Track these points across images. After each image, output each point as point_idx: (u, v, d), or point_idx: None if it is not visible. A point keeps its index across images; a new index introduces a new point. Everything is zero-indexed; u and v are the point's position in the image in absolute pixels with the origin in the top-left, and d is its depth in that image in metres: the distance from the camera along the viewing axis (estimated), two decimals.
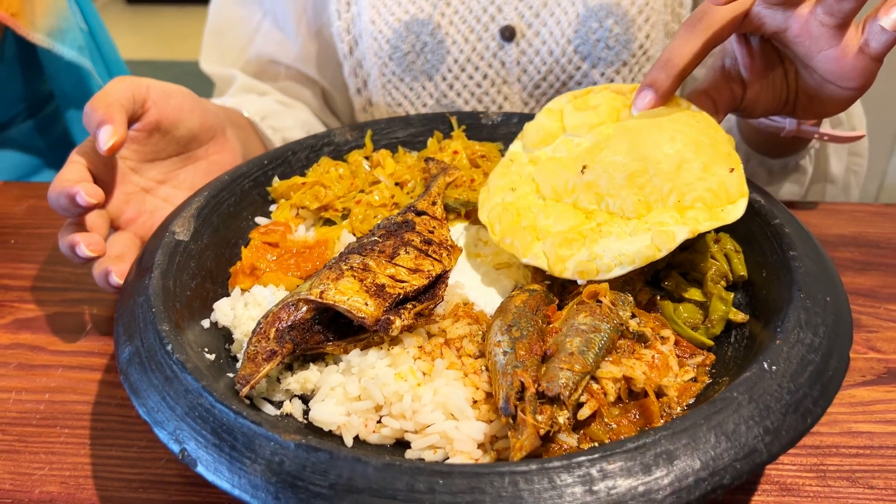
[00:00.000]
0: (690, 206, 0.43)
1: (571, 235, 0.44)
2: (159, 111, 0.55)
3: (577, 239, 0.44)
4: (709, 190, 0.43)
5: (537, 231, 0.46)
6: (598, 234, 0.44)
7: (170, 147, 0.58)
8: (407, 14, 0.74)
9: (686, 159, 0.44)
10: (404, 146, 0.60)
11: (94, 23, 1.14)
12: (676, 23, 0.77)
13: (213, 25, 0.86)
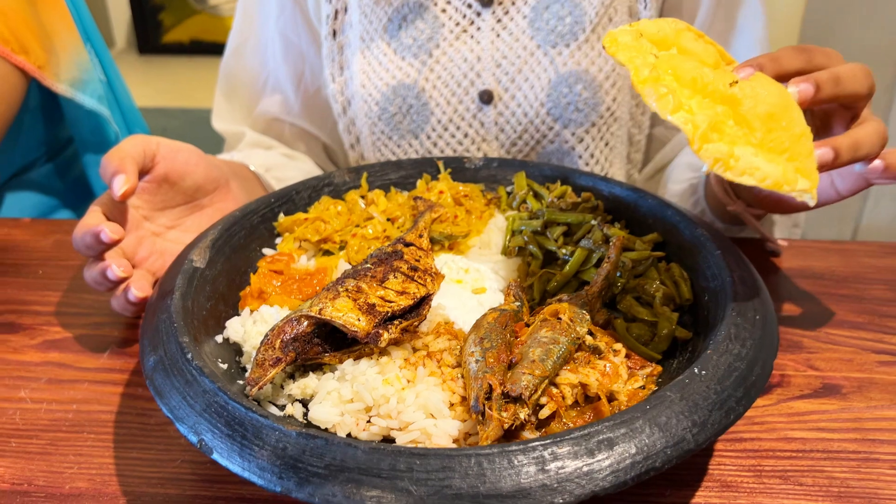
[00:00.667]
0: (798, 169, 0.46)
1: (720, 125, 0.45)
2: (167, 165, 0.62)
3: (722, 130, 0.45)
4: (806, 168, 0.47)
5: (682, 104, 0.45)
6: (738, 139, 0.45)
7: (177, 197, 0.64)
8: (394, 79, 0.82)
9: (805, 134, 0.48)
10: (396, 187, 0.67)
11: (112, 73, 1.22)
12: None
13: (222, 88, 0.94)
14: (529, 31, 0.81)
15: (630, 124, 0.86)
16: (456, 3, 0.82)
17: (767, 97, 0.47)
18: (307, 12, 0.88)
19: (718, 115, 0.45)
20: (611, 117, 0.83)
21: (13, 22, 0.96)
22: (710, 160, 0.44)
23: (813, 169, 0.46)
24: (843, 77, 0.50)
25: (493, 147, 0.85)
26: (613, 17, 0.81)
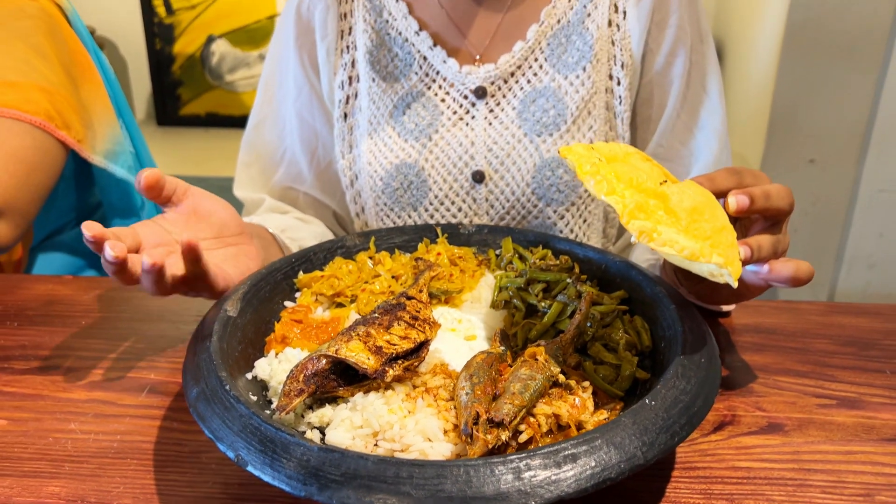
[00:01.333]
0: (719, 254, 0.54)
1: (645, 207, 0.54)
2: (196, 201, 0.70)
3: (648, 211, 0.54)
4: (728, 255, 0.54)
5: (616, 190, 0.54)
6: (664, 222, 0.54)
7: (206, 230, 0.71)
8: (398, 158, 0.93)
9: (725, 228, 0.56)
10: (399, 249, 0.77)
11: (139, 145, 1.33)
12: None
13: (243, 160, 1.04)
14: (518, 121, 0.92)
15: (605, 204, 0.97)
16: (454, 94, 0.93)
17: (693, 196, 0.57)
18: (322, 96, 0.99)
19: (649, 204, 0.54)
20: (588, 198, 0.93)
21: (58, 101, 1.08)
22: (637, 232, 0.53)
23: (735, 257, 0.55)
24: (772, 194, 0.60)
25: (484, 221, 0.95)
26: (592, 111, 0.92)
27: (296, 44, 0.98)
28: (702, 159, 0.95)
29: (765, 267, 0.59)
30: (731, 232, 0.57)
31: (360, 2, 0.96)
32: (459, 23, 0.94)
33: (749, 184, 0.62)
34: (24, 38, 1.07)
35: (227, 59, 2.05)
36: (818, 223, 1.61)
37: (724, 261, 0.54)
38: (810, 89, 1.49)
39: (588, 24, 0.92)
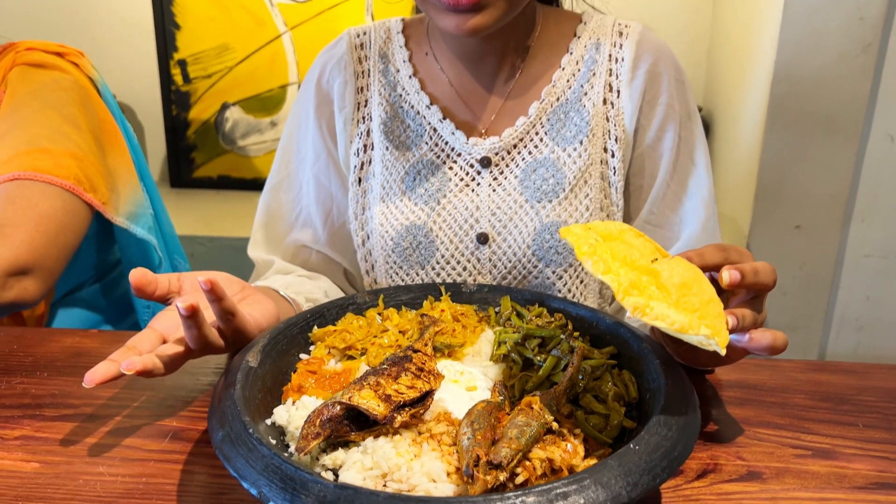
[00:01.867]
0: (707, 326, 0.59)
1: (638, 284, 0.59)
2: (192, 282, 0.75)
3: (641, 288, 0.60)
4: (715, 325, 0.60)
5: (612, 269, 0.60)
6: (656, 298, 0.60)
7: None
8: (408, 220, 1.00)
9: (712, 300, 0.62)
10: (406, 306, 0.83)
11: (158, 207, 1.41)
12: None
13: (260, 220, 1.11)
14: (519, 188, 0.99)
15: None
16: (461, 163, 1.01)
17: (682, 272, 0.63)
18: (338, 162, 1.07)
19: (641, 280, 0.60)
20: None
21: (87, 166, 1.16)
22: (631, 307, 0.59)
23: (722, 328, 0.61)
24: (760, 270, 0.66)
25: (487, 279, 1.01)
26: (588, 181, 0.99)
27: (315, 113, 1.06)
28: (690, 225, 1.01)
29: (746, 336, 0.65)
30: (718, 304, 0.63)
31: (375, 77, 1.04)
32: (467, 99, 1.02)
33: (735, 260, 0.68)
34: (58, 109, 1.16)
35: (240, 125, 2.15)
36: (806, 287, 1.68)
37: (712, 332, 0.60)
38: (794, 159, 1.56)
39: (585, 102, 1.00)
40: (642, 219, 1.03)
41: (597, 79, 1.00)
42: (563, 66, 1.01)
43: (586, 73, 1.00)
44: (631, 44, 1.00)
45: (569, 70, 1.01)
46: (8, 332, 0.94)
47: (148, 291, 0.72)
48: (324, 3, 2.07)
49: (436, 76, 1.03)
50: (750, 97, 1.66)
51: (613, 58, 1.00)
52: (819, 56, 1.48)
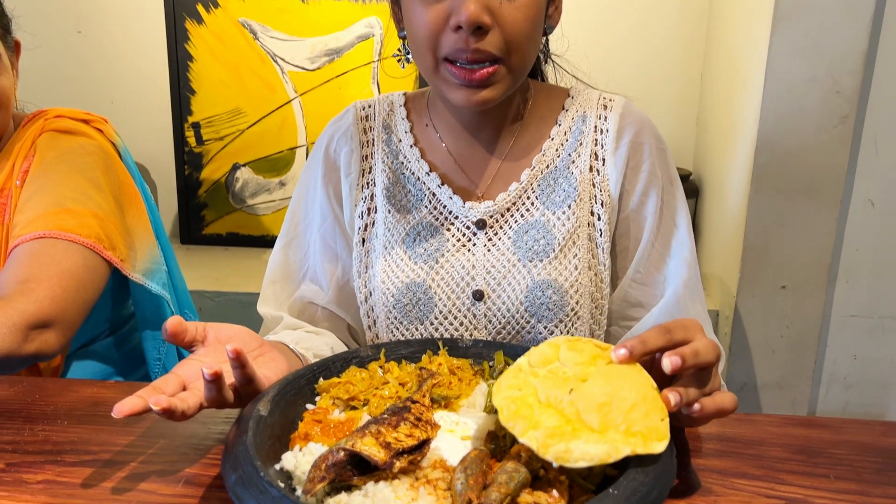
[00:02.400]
0: (634, 434, 0.66)
1: (556, 432, 0.65)
2: (216, 333, 0.81)
3: (558, 435, 0.65)
4: (646, 427, 0.66)
5: (533, 422, 0.66)
6: (572, 436, 0.65)
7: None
8: (408, 278, 1.07)
9: (636, 404, 0.67)
10: (406, 360, 0.89)
11: (172, 263, 1.47)
12: (599, 293, 1.08)
13: (269, 277, 1.18)
14: (512, 248, 1.06)
15: (590, 322, 1.09)
16: (458, 224, 1.08)
17: (598, 393, 0.67)
18: (343, 224, 1.14)
19: (560, 424, 0.66)
20: (574, 316, 1.06)
21: (108, 225, 1.23)
22: (553, 458, 0.64)
23: (655, 425, 0.66)
24: (700, 351, 0.71)
25: (483, 334, 1.07)
26: (576, 242, 1.06)
27: (323, 179, 1.14)
28: (673, 283, 1.07)
29: (696, 406, 0.71)
30: (647, 400, 0.68)
31: (379, 146, 1.13)
32: (464, 167, 1.10)
33: (679, 339, 0.72)
34: (83, 172, 1.24)
35: (250, 184, 2.23)
36: (794, 345, 1.73)
37: (640, 440, 0.65)
38: (778, 223, 1.64)
39: (573, 169, 1.07)
40: (629, 277, 1.09)
41: (583, 148, 1.08)
42: (552, 136, 1.10)
43: (574, 142, 1.08)
44: (615, 116, 1.08)
45: (557, 140, 1.09)
46: (30, 383, 1.00)
47: (178, 339, 0.79)
48: (332, 72, 2.18)
49: (435, 145, 1.12)
50: (736, 164, 1.74)
51: (599, 129, 1.08)
52: (799, 127, 1.57)
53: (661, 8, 2.16)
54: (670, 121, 2.21)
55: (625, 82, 2.19)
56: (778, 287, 1.68)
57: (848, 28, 1.52)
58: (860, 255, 1.73)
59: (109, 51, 2.33)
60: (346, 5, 2.17)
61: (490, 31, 0.93)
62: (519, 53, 0.97)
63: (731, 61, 1.88)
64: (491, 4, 0.93)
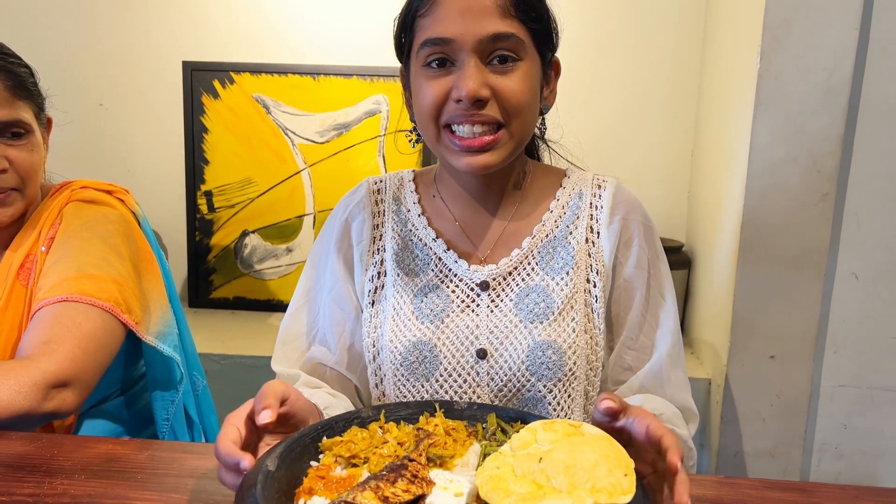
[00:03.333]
0: (599, 490, 0.72)
1: (527, 496, 0.72)
2: (292, 406, 0.89)
3: (530, 498, 0.72)
4: (611, 483, 0.72)
5: (508, 491, 0.73)
6: (543, 498, 0.73)
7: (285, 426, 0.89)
8: (415, 337, 1.13)
9: (598, 463, 0.73)
10: (404, 420, 0.94)
11: (183, 326, 1.54)
12: (594, 355, 1.15)
13: (281, 338, 1.25)
14: (514, 310, 1.13)
15: (586, 383, 1.15)
16: (463, 287, 1.15)
17: (564, 458, 0.74)
18: (352, 290, 1.22)
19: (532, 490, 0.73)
20: (572, 376, 1.13)
21: (125, 290, 1.30)
22: None
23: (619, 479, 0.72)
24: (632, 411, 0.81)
25: (485, 392, 1.13)
26: (574, 306, 1.14)
27: (335, 247, 1.23)
28: (659, 351, 1.17)
29: None
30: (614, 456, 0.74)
31: (389, 216, 1.22)
32: (469, 233, 1.19)
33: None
34: (104, 240, 1.32)
35: (258, 251, 2.31)
36: (783, 414, 1.77)
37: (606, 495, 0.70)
38: (765, 295, 1.70)
39: (570, 240, 1.16)
40: (622, 343, 1.17)
41: (580, 221, 1.17)
42: (551, 209, 1.19)
43: (571, 215, 1.17)
44: (608, 195, 1.18)
45: (556, 212, 1.18)
46: (49, 439, 1.06)
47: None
48: (340, 145, 2.29)
49: (442, 214, 1.20)
50: (724, 237, 1.82)
51: (594, 205, 1.18)
52: (782, 203, 1.65)
53: (653, 88, 2.28)
54: (664, 194, 2.30)
55: (621, 157, 2.30)
56: (767, 357, 1.74)
57: (826, 113, 1.62)
58: (846, 326, 1.79)
59: (129, 122, 2.46)
60: (354, 83, 2.30)
61: (489, 102, 1.04)
62: (518, 120, 1.08)
63: (719, 140, 1.99)
64: (489, 79, 1.04)
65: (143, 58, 2.41)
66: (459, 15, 1.01)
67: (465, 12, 1.01)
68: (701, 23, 2.22)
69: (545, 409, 1.12)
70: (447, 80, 1.04)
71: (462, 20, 1.01)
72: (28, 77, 1.31)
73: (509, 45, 1.03)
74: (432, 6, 1.04)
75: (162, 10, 2.38)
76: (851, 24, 1.58)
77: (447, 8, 1.02)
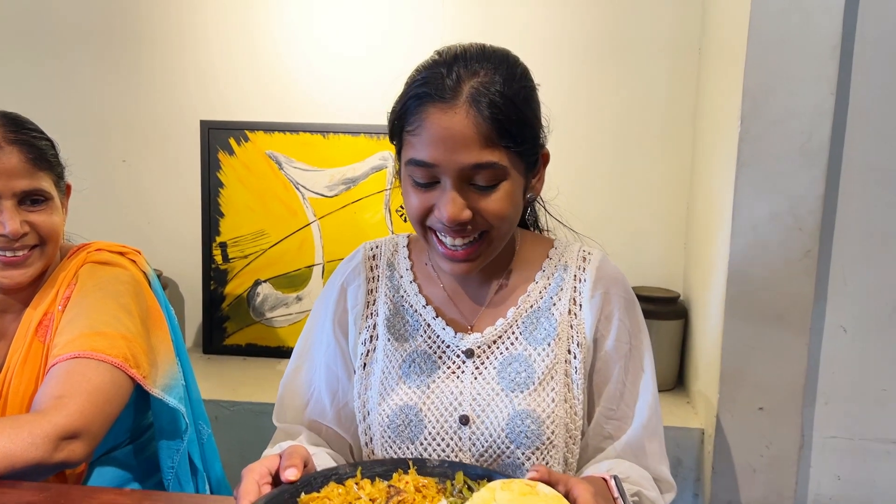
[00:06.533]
0: None
1: None
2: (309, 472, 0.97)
3: None
4: None
5: None
6: None
7: None
8: (402, 401, 1.20)
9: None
10: (380, 477, 1.01)
11: (190, 377, 1.62)
12: (573, 424, 1.20)
13: (281, 395, 1.33)
14: (497, 378, 1.19)
15: (564, 450, 1.20)
16: (449, 353, 1.22)
17: None
18: (346, 352, 1.29)
19: None
20: (550, 444, 1.17)
21: (134, 346, 1.38)
22: None
23: None
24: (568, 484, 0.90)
25: (467, 456, 1.18)
26: (554, 377, 1.19)
27: (332, 311, 1.31)
28: (636, 421, 1.21)
29: None
30: None
31: (383, 281, 1.29)
32: (457, 302, 1.26)
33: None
34: (116, 299, 1.41)
35: (270, 299, 2.40)
36: (774, 466, 1.80)
37: None
38: (752, 348, 1.74)
39: (553, 311, 1.22)
40: (602, 413, 1.22)
41: (563, 293, 1.23)
42: (536, 280, 1.25)
43: (555, 287, 1.23)
44: (592, 269, 1.24)
45: (541, 284, 1.24)
46: (56, 490, 1.14)
47: None
48: (348, 198, 2.40)
49: (432, 281, 1.28)
50: (713, 290, 1.87)
51: (578, 278, 1.24)
52: (766, 260, 1.70)
53: (648, 139, 2.35)
54: (660, 245, 2.36)
55: (618, 208, 2.36)
56: (756, 408, 1.78)
57: (805, 174, 1.68)
58: (836, 378, 1.82)
59: (150, 177, 2.58)
60: (362, 140, 2.41)
61: (471, 220, 1.08)
62: (500, 230, 1.12)
63: (708, 195, 2.05)
64: (470, 199, 1.06)
65: (163, 117, 2.54)
66: (442, 142, 1.02)
67: (447, 140, 1.01)
68: (694, 79, 2.29)
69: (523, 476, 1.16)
70: (432, 195, 1.07)
71: (444, 147, 1.02)
72: (49, 150, 1.42)
73: (490, 174, 1.04)
74: (419, 128, 1.04)
75: (181, 72, 2.52)
76: (828, 89, 1.65)
77: (432, 131, 1.02)
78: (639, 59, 2.31)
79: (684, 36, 2.28)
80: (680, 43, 2.28)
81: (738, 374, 1.77)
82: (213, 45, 2.49)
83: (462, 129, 1.01)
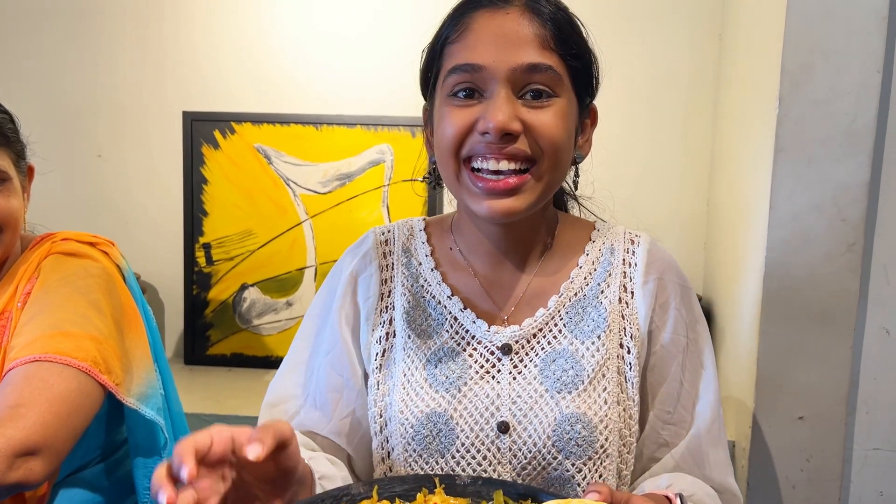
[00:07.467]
0: None
1: None
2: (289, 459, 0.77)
3: None
4: None
5: None
6: None
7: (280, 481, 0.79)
8: (428, 408, 1.02)
9: None
10: (400, 498, 0.84)
11: (170, 387, 1.45)
12: (628, 430, 1.03)
13: (268, 401, 1.14)
14: (539, 378, 1.02)
15: (619, 461, 1.04)
16: (482, 350, 1.05)
17: None
18: (352, 353, 1.11)
19: None
20: (604, 453, 1.01)
21: (105, 349, 1.21)
22: None
23: None
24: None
25: (507, 470, 1.01)
26: (606, 374, 1.03)
27: (339, 303, 1.12)
28: (697, 426, 1.05)
29: None
30: None
31: (399, 270, 1.11)
32: (490, 290, 1.08)
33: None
34: (84, 294, 1.24)
35: (257, 305, 2.24)
36: (815, 481, 1.65)
37: None
38: (792, 351, 1.60)
39: (602, 300, 1.06)
40: (658, 417, 1.06)
41: (612, 279, 1.07)
42: (580, 264, 1.09)
43: (602, 273, 1.08)
44: (642, 252, 1.08)
45: (586, 269, 1.08)
46: None
47: None
48: (343, 195, 2.24)
49: (459, 268, 1.10)
50: (745, 290, 1.72)
51: (627, 262, 1.08)
52: (806, 254, 1.56)
53: (666, 136, 2.23)
54: (679, 245, 2.21)
55: (634, 207, 2.21)
56: (795, 418, 1.63)
57: (850, 159, 1.54)
58: (879, 385, 1.68)
59: (127, 174, 2.41)
60: (358, 132, 2.25)
61: (519, 138, 0.94)
62: (549, 161, 0.97)
63: (735, 189, 1.91)
64: (521, 112, 0.94)
65: (142, 108, 2.38)
66: (493, 41, 0.93)
67: (499, 39, 0.92)
68: (714, 67, 2.17)
69: (573, 491, 1.00)
70: (474, 110, 0.95)
71: (495, 47, 0.92)
72: (6, 123, 1.25)
73: (545, 79, 0.94)
74: (464, 31, 0.95)
75: (162, 59, 2.35)
76: (874, 66, 1.51)
77: (480, 33, 0.94)
78: (652, 40, 2.18)
79: (702, 17, 2.15)
80: (697, 25, 2.15)
81: (776, 380, 1.62)
82: (197, 29, 2.33)
83: (516, 27, 0.93)
